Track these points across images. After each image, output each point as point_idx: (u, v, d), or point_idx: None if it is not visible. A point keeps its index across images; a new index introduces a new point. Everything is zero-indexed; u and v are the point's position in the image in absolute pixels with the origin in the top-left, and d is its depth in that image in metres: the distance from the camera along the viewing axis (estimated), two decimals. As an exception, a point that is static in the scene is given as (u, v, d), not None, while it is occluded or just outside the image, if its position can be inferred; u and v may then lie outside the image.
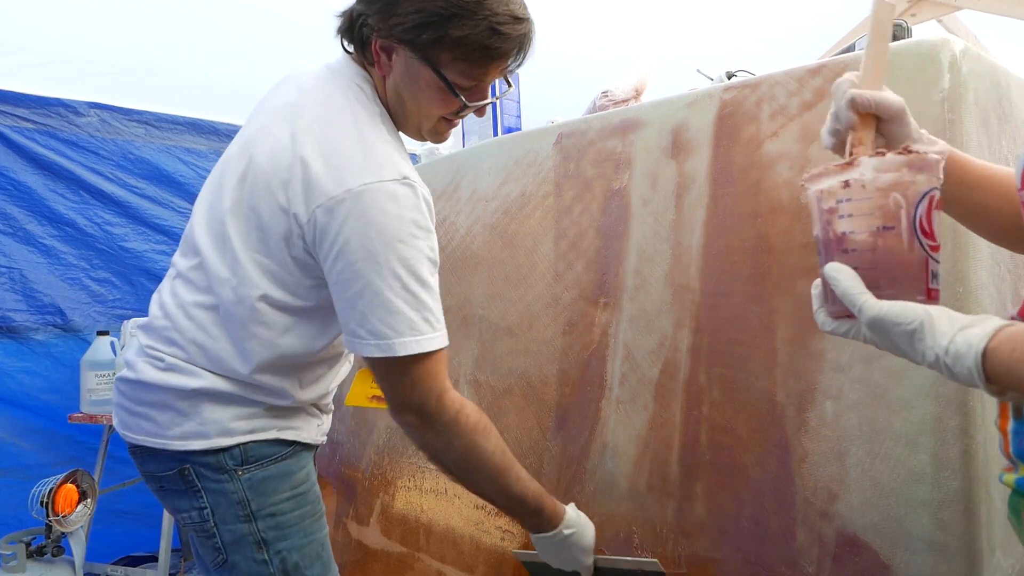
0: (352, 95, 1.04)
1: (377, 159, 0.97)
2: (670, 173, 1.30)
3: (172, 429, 1.04)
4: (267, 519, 1.06)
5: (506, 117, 1.86)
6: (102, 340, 2.51)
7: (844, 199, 0.65)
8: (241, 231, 1.02)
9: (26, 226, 2.63)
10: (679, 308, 1.26)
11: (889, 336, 0.63)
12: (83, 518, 2.24)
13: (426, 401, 0.99)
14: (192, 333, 1.05)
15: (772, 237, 1.14)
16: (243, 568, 1.06)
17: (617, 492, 1.32)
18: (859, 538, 1.02)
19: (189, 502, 1.06)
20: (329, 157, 0.97)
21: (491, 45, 0.99)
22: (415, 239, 0.96)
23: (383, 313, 0.95)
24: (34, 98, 2.62)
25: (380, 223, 0.94)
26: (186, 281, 1.08)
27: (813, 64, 1.13)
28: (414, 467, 1.79)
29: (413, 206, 0.96)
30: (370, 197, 0.94)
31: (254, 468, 1.06)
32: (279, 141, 1.01)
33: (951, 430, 0.95)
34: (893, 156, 0.63)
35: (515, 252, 1.58)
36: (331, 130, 0.99)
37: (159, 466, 1.08)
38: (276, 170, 0.99)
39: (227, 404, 1.05)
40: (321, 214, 0.95)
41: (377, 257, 0.94)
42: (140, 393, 1.07)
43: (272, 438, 1.08)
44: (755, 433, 1.14)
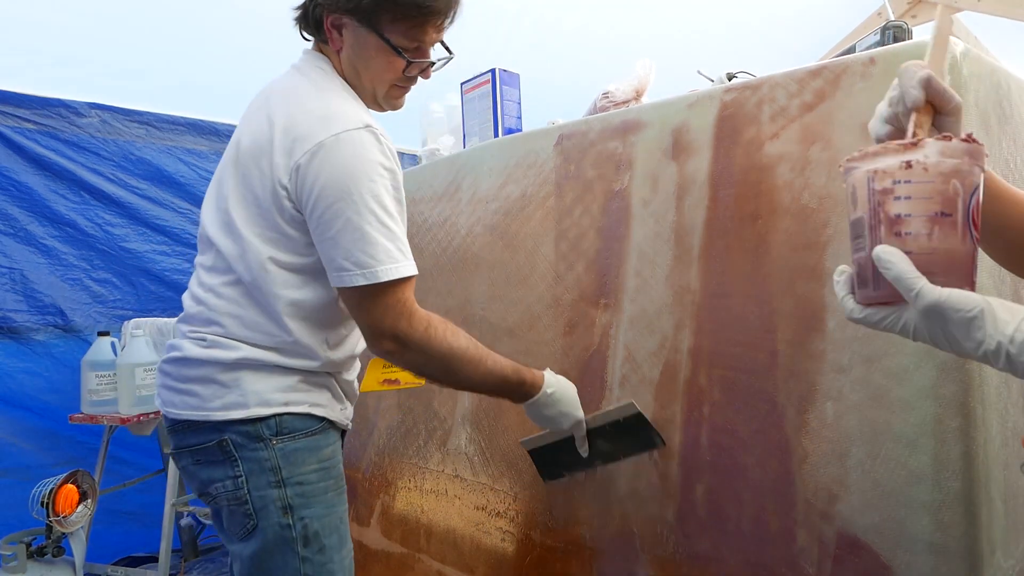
0: (313, 74, 1.18)
1: (338, 113, 1.10)
2: (671, 174, 1.30)
3: (214, 401, 1.14)
4: (295, 487, 1.15)
5: (507, 118, 1.86)
6: (103, 340, 2.51)
7: (903, 180, 0.62)
8: (241, 213, 1.15)
9: (27, 226, 2.63)
10: (680, 309, 1.26)
11: (945, 323, 0.61)
12: (83, 518, 2.24)
13: (398, 323, 1.10)
14: (225, 308, 1.16)
15: (773, 238, 1.14)
16: (269, 533, 1.14)
17: (617, 492, 1.33)
18: (860, 539, 1.02)
19: (225, 471, 1.15)
20: (298, 121, 1.10)
21: (423, 4, 1.13)
22: (382, 177, 1.08)
23: (364, 244, 1.07)
24: (35, 99, 2.63)
25: (349, 166, 1.06)
26: (208, 270, 1.19)
27: (813, 66, 1.13)
28: (414, 468, 1.79)
29: (377, 149, 1.09)
30: (338, 144, 1.07)
31: (287, 439, 1.15)
32: (257, 125, 1.15)
33: (951, 431, 0.95)
34: (958, 142, 0.62)
35: (516, 253, 1.58)
36: (297, 100, 1.14)
37: (199, 439, 1.16)
38: (258, 148, 1.13)
39: (265, 375, 1.15)
40: (299, 170, 1.08)
41: (351, 195, 1.06)
42: (184, 370, 1.17)
43: (304, 412, 1.17)
44: (756, 434, 1.14)
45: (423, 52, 1.20)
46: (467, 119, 1.96)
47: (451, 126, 2.13)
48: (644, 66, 1.62)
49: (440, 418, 1.74)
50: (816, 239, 1.09)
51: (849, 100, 1.07)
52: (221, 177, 1.21)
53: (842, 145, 1.07)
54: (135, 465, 2.84)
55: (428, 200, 1.86)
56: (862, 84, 1.06)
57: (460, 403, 1.68)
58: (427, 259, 1.83)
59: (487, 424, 1.61)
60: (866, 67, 1.06)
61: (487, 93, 1.87)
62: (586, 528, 1.37)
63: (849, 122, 1.07)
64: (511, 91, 1.88)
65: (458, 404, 1.69)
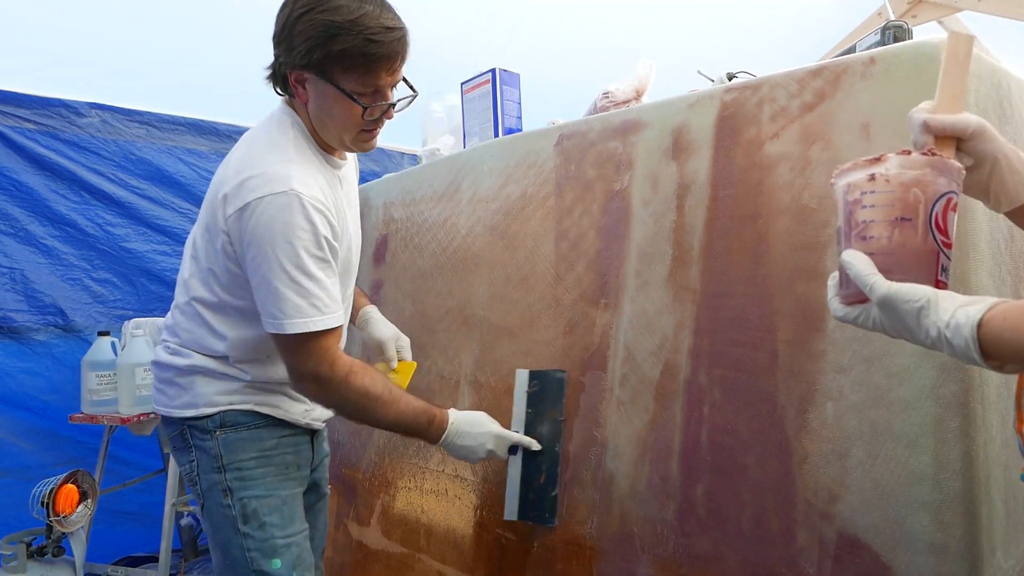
0: (275, 128, 1.28)
1: (270, 177, 1.19)
2: (671, 174, 1.30)
3: (176, 400, 1.35)
4: (233, 471, 1.32)
5: (507, 118, 1.86)
6: (103, 340, 2.51)
7: (868, 191, 0.70)
8: (202, 247, 1.31)
9: (27, 226, 2.63)
10: (680, 309, 1.26)
11: (897, 313, 0.66)
12: (83, 518, 2.24)
13: (319, 368, 1.22)
14: (184, 324, 1.35)
15: (773, 238, 1.14)
16: (214, 513, 1.33)
17: (618, 492, 1.33)
18: (860, 539, 1.02)
19: (185, 457, 1.36)
20: (241, 176, 1.21)
21: (369, 52, 1.18)
22: (298, 239, 1.18)
23: (274, 299, 1.19)
24: (35, 99, 2.63)
25: (267, 227, 1.17)
26: (181, 288, 1.38)
27: (814, 66, 1.13)
28: (414, 468, 1.79)
29: (298, 212, 1.18)
30: (260, 208, 1.18)
31: (229, 431, 1.33)
32: (218, 176, 1.29)
33: (952, 431, 0.95)
34: (918, 156, 0.69)
35: (516, 253, 1.58)
36: (249, 154, 1.26)
37: (171, 429, 1.38)
38: (215, 190, 1.26)
39: (213, 380, 1.33)
40: (232, 223, 1.21)
41: (267, 255, 1.18)
42: (158, 372, 1.39)
43: (248, 409, 1.34)
44: (756, 434, 1.14)
45: (381, 95, 1.25)
46: (467, 119, 1.96)
47: (451, 126, 2.13)
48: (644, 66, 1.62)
49: (440, 418, 1.74)
50: (816, 239, 1.09)
51: (849, 100, 1.07)
52: (202, 208, 1.35)
53: (842, 145, 1.07)
54: (135, 465, 2.84)
55: (428, 200, 1.86)
56: (862, 84, 1.06)
57: (460, 403, 1.68)
58: (427, 259, 1.83)
59: (487, 424, 1.61)
60: (866, 67, 1.06)
61: (487, 93, 1.87)
62: (586, 528, 1.37)
63: (849, 122, 1.07)
64: (511, 91, 1.88)
65: (458, 404, 1.69)
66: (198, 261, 1.32)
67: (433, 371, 1.78)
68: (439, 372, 1.76)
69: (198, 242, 1.32)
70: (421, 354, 1.82)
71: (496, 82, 1.85)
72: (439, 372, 1.76)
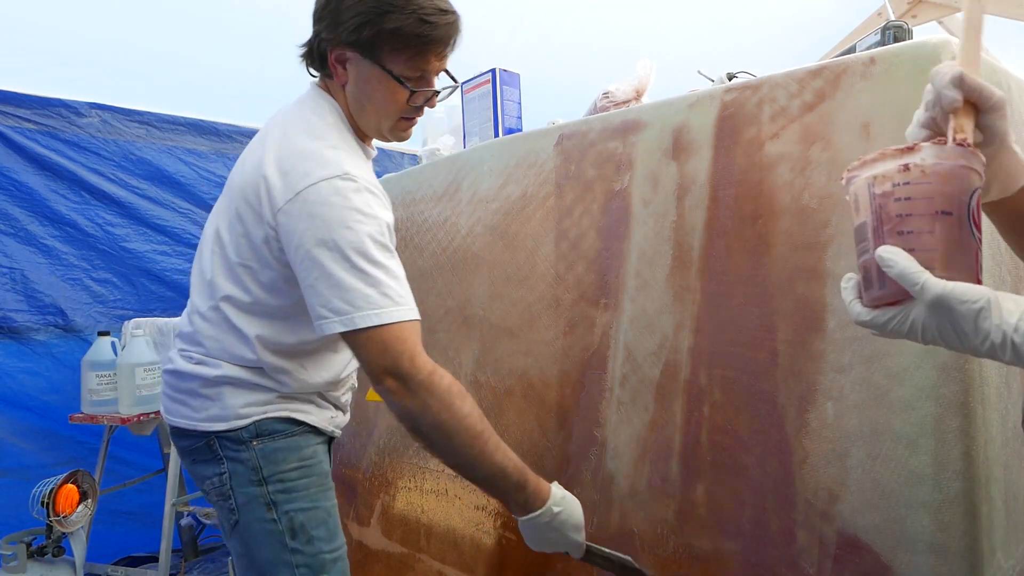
0: (310, 115, 1.20)
1: (320, 162, 1.11)
2: (671, 174, 1.30)
3: (200, 413, 1.23)
4: (276, 483, 1.21)
5: (507, 118, 1.86)
6: (103, 340, 2.51)
7: (902, 182, 0.64)
8: (232, 242, 1.20)
9: (27, 226, 2.63)
10: (680, 309, 1.26)
11: (952, 316, 0.60)
12: (84, 518, 2.24)
13: (398, 363, 1.07)
14: (208, 331, 1.23)
15: (773, 238, 1.14)
16: (255, 528, 1.20)
17: (618, 492, 1.33)
18: (860, 539, 1.02)
19: (213, 469, 1.23)
20: (285, 166, 1.13)
21: (422, 33, 1.14)
22: (359, 224, 1.08)
23: (340, 292, 1.07)
24: (35, 99, 2.63)
25: (325, 214, 1.08)
26: (199, 292, 1.26)
27: (814, 66, 1.13)
28: (415, 468, 1.79)
29: (356, 197, 1.10)
30: (314, 194, 1.09)
31: (266, 440, 1.22)
32: (251, 166, 1.18)
33: (952, 431, 0.95)
34: (953, 146, 0.64)
35: (516, 253, 1.58)
36: (288, 142, 1.16)
37: (192, 442, 1.25)
38: (252, 184, 1.16)
39: (245, 391, 1.22)
40: (281, 217, 1.11)
41: (327, 243, 1.07)
42: (177, 382, 1.26)
43: (283, 416, 1.24)
44: (756, 434, 1.14)
45: (427, 81, 1.20)
46: (467, 119, 1.96)
47: (451, 126, 2.13)
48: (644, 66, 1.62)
49: (440, 418, 1.74)
50: (816, 239, 1.09)
51: (849, 100, 1.07)
52: (221, 203, 1.26)
53: (842, 145, 1.07)
54: (135, 465, 2.84)
55: (428, 200, 1.86)
56: (862, 84, 1.06)
57: (460, 403, 1.68)
58: (427, 259, 1.83)
59: (487, 424, 1.61)
60: (866, 67, 1.06)
61: (487, 93, 1.87)
62: (586, 528, 1.37)
63: (849, 122, 1.07)
64: (511, 91, 1.88)
65: (458, 404, 1.69)
66: (226, 258, 1.20)
67: (433, 371, 1.78)
68: (439, 372, 1.76)
69: (225, 237, 1.20)
70: (421, 354, 1.82)
71: (496, 82, 1.85)
72: (439, 372, 1.76)
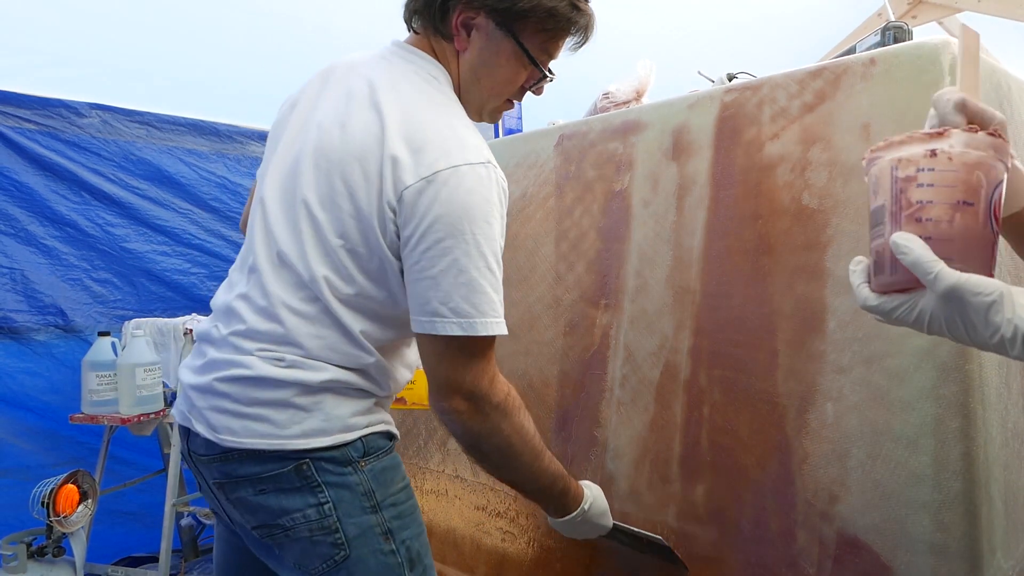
0: (424, 81, 1.06)
1: (464, 143, 0.99)
2: (671, 175, 1.30)
3: (291, 428, 1.00)
4: (390, 508, 1.04)
5: (507, 118, 1.86)
6: (103, 341, 2.51)
7: (927, 168, 0.63)
8: (329, 221, 1.01)
9: (27, 227, 2.63)
10: (680, 310, 1.26)
11: (964, 308, 0.60)
12: (84, 519, 2.24)
13: (479, 383, 0.98)
14: (305, 328, 1.02)
15: (773, 239, 1.14)
16: (370, 562, 1.01)
17: (618, 493, 1.33)
18: (860, 539, 1.02)
19: (304, 499, 1.00)
20: (418, 135, 0.98)
21: (572, 18, 1.07)
22: (497, 222, 0.98)
23: (468, 291, 0.95)
24: (36, 99, 2.63)
25: (468, 203, 0.95)
26: (280, 281, 1.04)
27: (814, 66, 1.13)
28: (414, 468, 1.79)
29: (497, 190, 0.99)
30: (460, 178, 0.95)
31: (373, 460, 1.05)
32: (363, 134, 1.00)
33: (952, 432, 0.95)
34: (984, 135, 0.63)
35: (516, 253, 1.58)
36: (415, 106, 1.01)
37: (266, 467, 1.01)
38: (364, 147, 0.99)
39: (347, 399, 1.04)
40: (410, 195, 0.95)
41: (464, 236, 0.94)
42: (254, 392, 1.01)
43: (383, 431, 1.08)
44: (756, 434, 1.14)
45: (546, 66, 1.12)
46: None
47: (451, 126, 2.13)
48: (644, 67, 1.62)
49: (440, 418, 1.74)
50: (816, 240, 1.09)
51: (849, 101, 1.07)
52: (307, 175, 1.04)
53: (842, 146, 1.07)
54: (135, 465, 2.84)
55: (428, 200, 1.86)
56: (862, 85, 1.06)
57: (460, 403, 1.68)
58: (427, 259, 1.83)
59: (487, 424, 1.61)
60: (866, 68, 1.06)
61: (487, 93, 1.87)
62: (586, 528, 1.37)
63: (849, 123, 1.07)
64: (554, 79, 1.87)
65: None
66: (324, 241, 1.01)
67: (433, 371, 1.78)
68: (439, 372, 1.76)
69: (320, 216, 1.01)
70: (421, 354, 1.82)
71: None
72: (439, 372, 1.76)
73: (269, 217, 1.07)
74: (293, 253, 1.02)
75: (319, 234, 1.01)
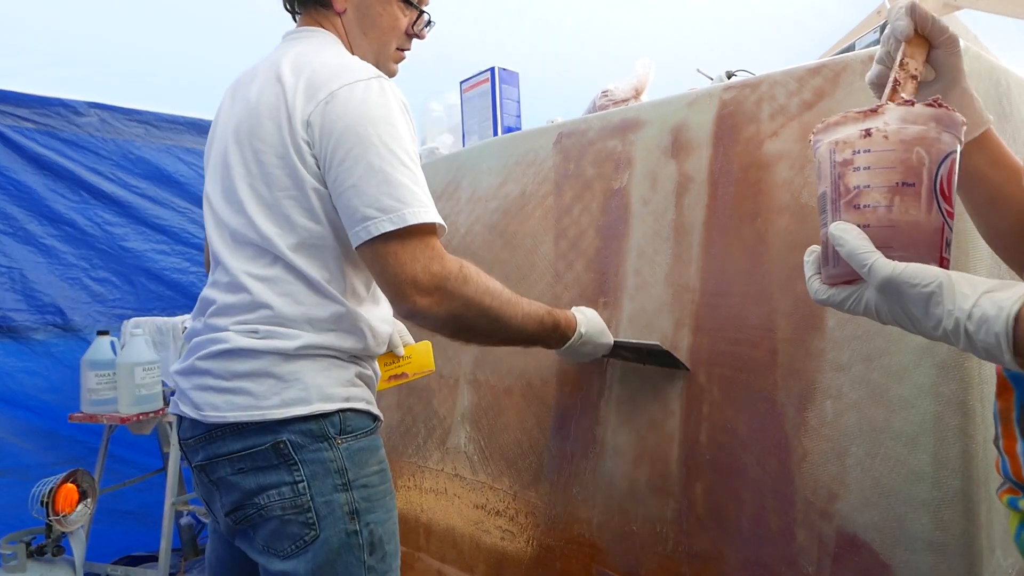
0: (314, 40, 1.15)
1: (354, 67, 1.06)
2: (670, 173, 1.30)
3: (270, 398, 1.02)
4: (361, 489, 1.05)
5: (506, 117, 1.86)
6: (102, 340, 2.51)
7: (863, 150, 0.59)
8: (249, 188, 1.08)
9: (26, 226, 2.63)
10: (679, 308, 1.26)
11: (902, 300, 0.56)
12: (83, 518, 2.24)
13: (430, 269, 1.00)
14: (275, 292, 1.05)
15: (772, 236, 1.14)
16: (334, 543, 1.02)
17: (617, 491, 1.32)
18: (859, 537, 1.02)
19: (280, 476, 1.02)
20: (311, 75, 1.05)
21: None
22: (401, 124, 1.03)
23: (389, 188, 0.99)
24: (34, 98, 2.63)
25: (366, 111, 1.01)
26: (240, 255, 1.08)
27: (813, 64, 1.13)
28: (414, 467, 1.79)
29: (392, 97, 1.05)
30: (352, 91, 1.02)
31: (350, 439, 1.06)
32: (263, 88, 1.09)
33: (951, 429, 0.95)
34: (922, 107, 0.59)
35: (515, 252, 1.58)
36: (307, 59, 1.08)
37: (246, 443, 1.03)
38: (272, 107, 1.06)
39: (325, 367, 1.06)
40: (316, 118, 1.02)
41: (371, 139, 1.00)
42: (233, 364, 1.04)
43: (363, 409, 1.09)
44: (755, 433, 1.14)
45: (421, 3, 1.21)
46: (466, 118, 1.96)
47: (450, 125, 2.13)
48: (643, 65, 1.62)
49: (439, 417, 1.74)
50: (816, 237, 1.08)
51: (849, 98, 1.07)
52: (224, 158, 1.12)
53: (841, 143, 1.07)
54: (135, 464, 2.84)
55: (427, 199, 1.86)
56: (862, 82, 1.05)
57: (459, 402, 1.68)
58: (426, 258, 1.83)
59: (486, 423, 1.61)
60: (866, 65, 1.05)
61: (486, 92, 1.87)
62: (585, 526, 1.37)
63: (848, 120, 1.06)
64: (510, 90, 1.88)
65: (457, 403, 1.69)
66: (261, 198, 1.06)
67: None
68: (438, 371, 1.76)
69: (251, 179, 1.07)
70: (420, 353, 1.82)
71: (495, 81, 1.85)
72: (438, 371, 1.76)
73: (215, 207, 1.13)
74: (241, 225, 1.07)
75: (257, 195, 1.07)
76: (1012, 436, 0.67)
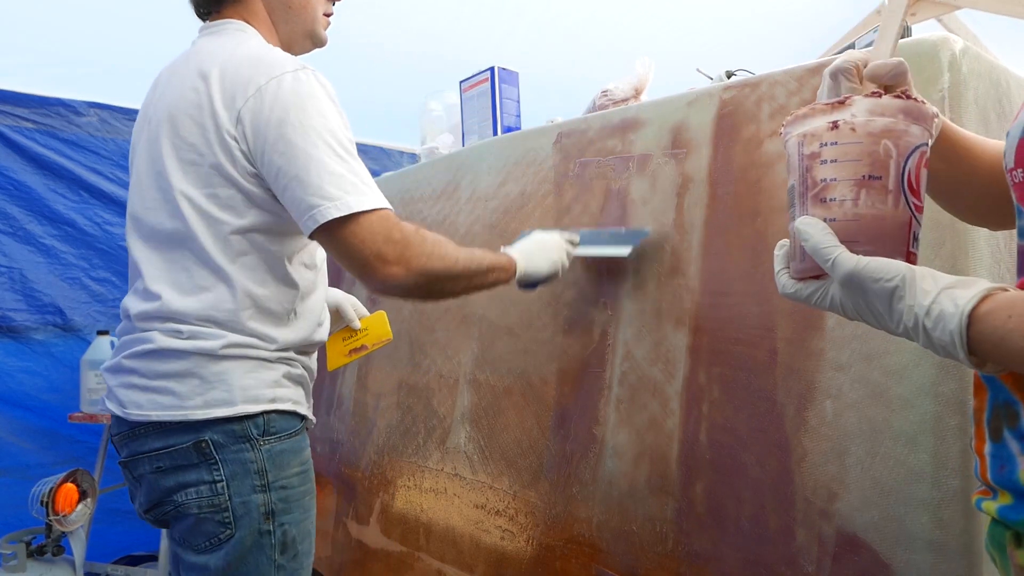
0: (231, 35, 1.14)
1: (275, 60, 1.06)
2: (670, 172, 1.30)
3: (194, 399, 1.04)
4: (279, 491, 1.07)
5: (506, 116, 1.86)
6: (102, 340, 2.51)
7: (829, 142, 0.58)
8: (181, 183, 1.07)
9: (26, 226, 2.63)
10: (679, 307, 1.26)
11: (866, 295, 0.56)
12: (83, 517, 2.24)
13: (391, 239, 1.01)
14: (193, 299, 1.06)
15: (772, 236, 1.14)
16: (247, 542, 1.05)
17: (617, 491, 1.33)
18: (859, 537, 1.02)
19: (199, 475, 1.04)
20: (234, 71, 1.05)
21: None
22: (331, 113, 1.04)
23: (332, 177, 1.00)
24: (34, 98, 2.62)
25: (295, 101, 1.02)
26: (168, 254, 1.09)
27: (813, 63, 1.13)
28: (414, 467, 1.79)
29: (319, 86, 1.05)
30: (280, 83, 1.02)
31: (273, 440, 1.08)
32: (184, 88, 1.08)
33: (951, 429, 0.95)
34: (889, 99, 0.58)
35: (515, 251, 1.58)
36: (227, 54, 1.08)
37: (167, 441, 1.05)
38: (196, 105, 1.06)
39: (251, 368, 1.07)
40: (245, 113, 1.02)
41: (305, 130, 1.00)
42: (158, 364, 1.06)
43: (289, 410, 1.11)
44: (755, 432, 1.14)
45: None
46: (466, 117, 1.96)
47: (450, 124, 2.13)
48: (643, 64, 1.62)
49: (439, 417, 1.74)
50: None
51: (848, 98, 1.07)
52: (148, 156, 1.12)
53: (841, 143, 1.07)
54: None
55: (427, 199, 1.86)
56: (861, 82, 1.05)
57: (459, 402, 1.68)
58: (426, 258, 1.83)
59: (486, 422, 1.61)
60: (865, 65, 1.05)
61: (486, 91, 1.87)
62: (585, 526, 1.37)
63: (848, 120, 1.06)
64: (510, 89, 1.88)
65: (457, 403, 1.69)
66: (185, 195, 1.06)
67: (432, 370, 1.78)
68: (438, 371, 1.76)
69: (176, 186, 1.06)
70: (420, 353, 1.82)
71: (495, 81, 1.85)
72: (438, 371, 1.76)
73: (135, 207, 1.14)
74: (165, 223, 1.08)
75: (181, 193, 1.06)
76: (982, 437, 0.65)
